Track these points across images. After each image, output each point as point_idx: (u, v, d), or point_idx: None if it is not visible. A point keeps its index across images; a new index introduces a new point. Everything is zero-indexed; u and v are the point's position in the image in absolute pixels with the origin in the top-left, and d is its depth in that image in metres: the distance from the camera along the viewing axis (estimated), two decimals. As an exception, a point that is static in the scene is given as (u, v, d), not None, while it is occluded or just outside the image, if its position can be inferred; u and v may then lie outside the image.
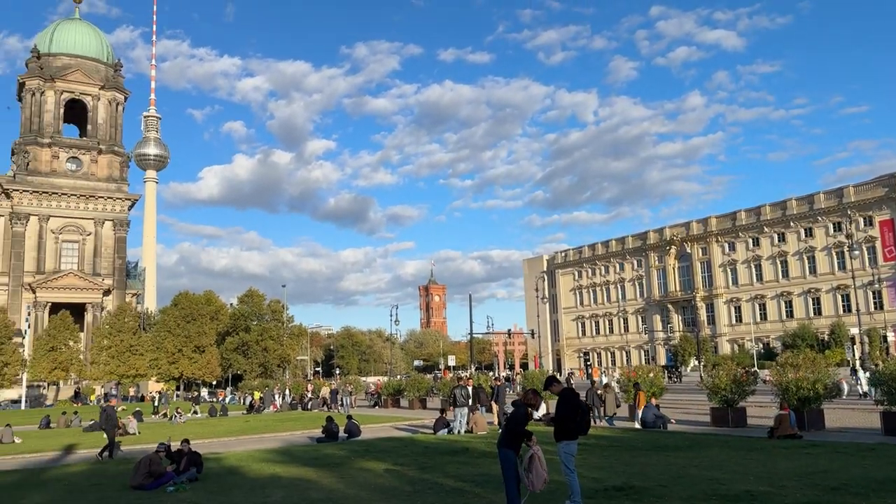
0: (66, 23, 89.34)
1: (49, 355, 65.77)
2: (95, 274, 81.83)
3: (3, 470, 22.14)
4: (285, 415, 45.65)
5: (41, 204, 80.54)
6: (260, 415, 47.63)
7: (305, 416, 41.44)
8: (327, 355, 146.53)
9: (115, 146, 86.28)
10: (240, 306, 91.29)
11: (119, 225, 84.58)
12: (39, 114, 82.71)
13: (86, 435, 34.36)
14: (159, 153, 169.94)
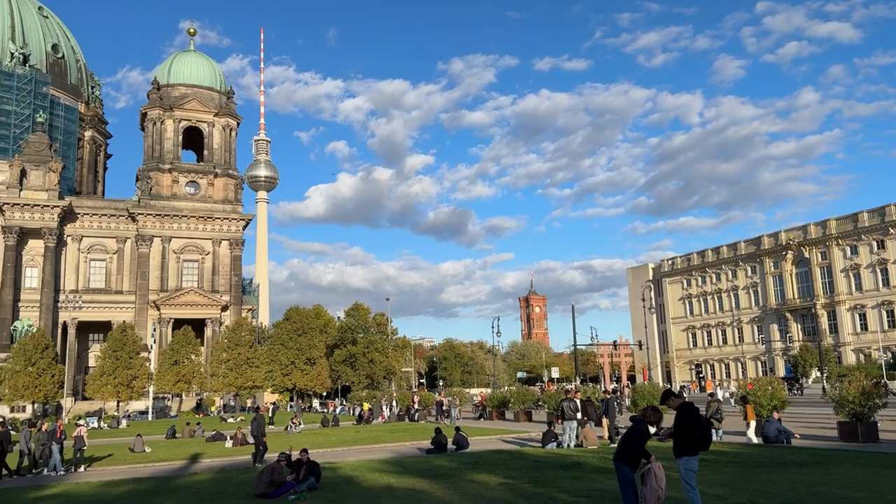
0: (182, 55, 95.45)
1: (173, 369, 69.86)
2: (214, 291, 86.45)
3: (138, 477, 23.70)
4: (394, 426, 46.42)
5: (164, 226, 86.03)
6: (370, 425, 48.69)
7: (413, 428, 41.98)
8: (430, 367, 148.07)
9: (229, 170, 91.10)
10: (346, 320, 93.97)
11: (235, 244, 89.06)
12: (160, 141, 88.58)
13: (209, 445, 36.23)
14: (269, 175, 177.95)
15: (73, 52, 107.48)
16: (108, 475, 25.17)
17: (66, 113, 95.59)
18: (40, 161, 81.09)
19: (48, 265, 79.77)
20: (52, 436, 25.76)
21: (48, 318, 78.06)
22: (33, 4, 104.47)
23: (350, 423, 52.52)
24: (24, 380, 63.94)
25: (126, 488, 20.82)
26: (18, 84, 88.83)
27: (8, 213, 78.10)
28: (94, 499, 18.95)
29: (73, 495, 19.74)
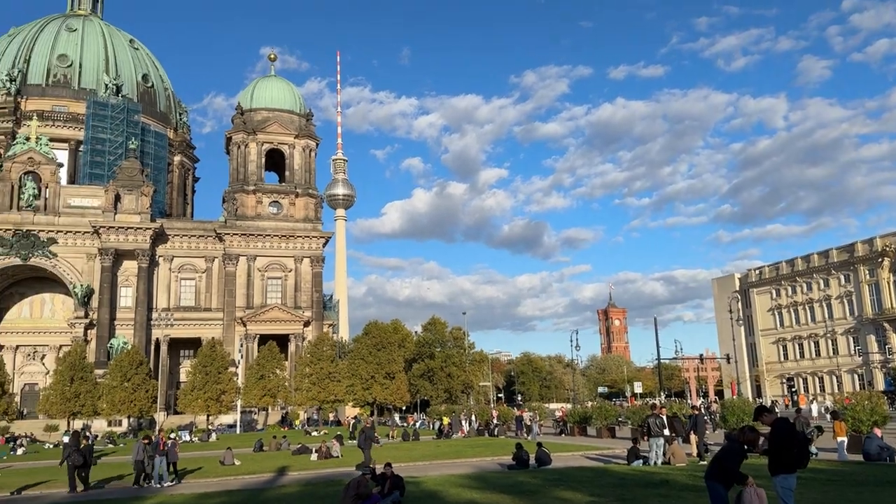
0: (263, 80, 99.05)
1: (259, 383, 71.99)
2: (296, 307, 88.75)
3: (229, 490, 24.48)
4: (474, 440, 46.31)
5: (248, 245, 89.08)
6: (450, 440, 48.74)
7: (494, 443, 41.74)
8: (508, 381, 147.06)
9: (309, 189, 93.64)
10: (424, 334, 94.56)
11: (315, 261, 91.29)
12: (244, 164, 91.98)
13: (295, 458, 37.08)
14: (347, 193, 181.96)
15: (161, 82, 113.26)
16: (200, 487, 26.11)
17: (156, 139, 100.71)
18: (133, 186, 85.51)
19: (142, 285, 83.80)
20: (157, 448, 26.92)
21: (142, 336, 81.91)
22: (125, 38, 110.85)
23: (430, 437, 52.73)
24: (120, 395, 67.21)
25: (218, 500, 21.55)
26: (112, 113, 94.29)
27: (104, 235, 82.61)
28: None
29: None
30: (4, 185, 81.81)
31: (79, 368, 68.16)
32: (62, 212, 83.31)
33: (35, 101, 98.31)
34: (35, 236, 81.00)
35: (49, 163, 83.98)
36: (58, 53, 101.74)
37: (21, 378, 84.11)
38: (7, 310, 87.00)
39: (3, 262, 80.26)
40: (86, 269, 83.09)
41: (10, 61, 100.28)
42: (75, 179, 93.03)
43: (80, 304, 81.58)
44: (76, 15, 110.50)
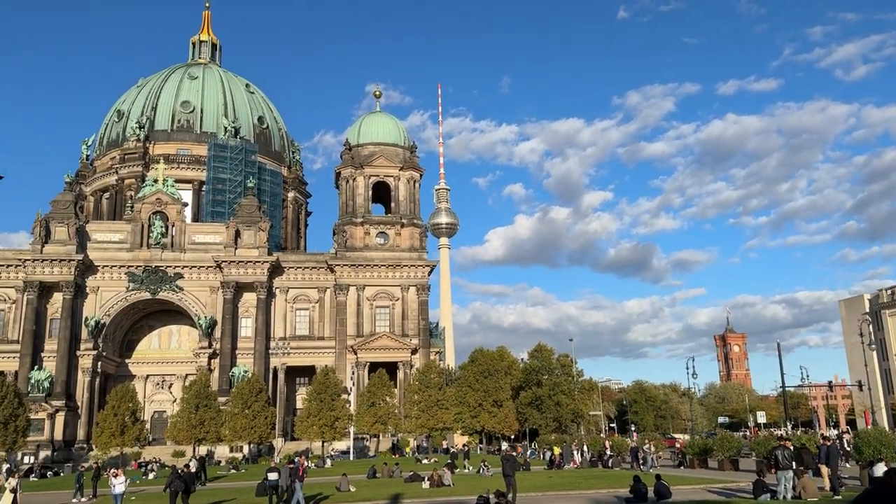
0: (369, 116, 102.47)
1: (370, 410, 73.22)
2: (404, 335, 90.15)
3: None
4: (587, 472, 45.07)
5: (358, 275, 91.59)
6: (561, 470, 47.66)
7: (609, 475, 40.46)
8: (620, 410, 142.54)
9: (414, 219, 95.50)
10: (530, 361, 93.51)
11: (421, 289, 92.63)
12: (353, 197, 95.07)
13: (408, 485, 37.34)
14: (450, 221, 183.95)
15: (275, 122, 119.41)
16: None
17: (271, 177, 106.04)
18: (251, 222, 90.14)
19: (260, 315, 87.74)
20: (295, 473, 27.66)
21: (261, 364, 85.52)
22: (241, 83, 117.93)
23: (540, 467, 51.79)
24: (241, 421, 70.15)
25: (336, 526, 21.96)
26: (231, 154, 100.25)
27: (226, 269, 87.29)
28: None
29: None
30: (136, 224, 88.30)
31: (203, 396, 71.73)
32: (187, 248, 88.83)
33: (162, 146, 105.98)
34: (163, 272, 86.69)
35: (175, 203, 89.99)
36: (181, 100, 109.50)
37: (151, 406, 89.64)
38: (138, 341, 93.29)
39: (134, 296, 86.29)
40: (209, 302, 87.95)
41: (140, 109, 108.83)
42: (199, 217, 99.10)
43: (205, 334, 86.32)
44: (197, 64, 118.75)
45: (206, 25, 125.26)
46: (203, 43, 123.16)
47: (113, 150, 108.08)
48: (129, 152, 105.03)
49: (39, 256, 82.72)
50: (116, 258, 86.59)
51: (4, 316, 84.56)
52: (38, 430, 75.00)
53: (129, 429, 68.51)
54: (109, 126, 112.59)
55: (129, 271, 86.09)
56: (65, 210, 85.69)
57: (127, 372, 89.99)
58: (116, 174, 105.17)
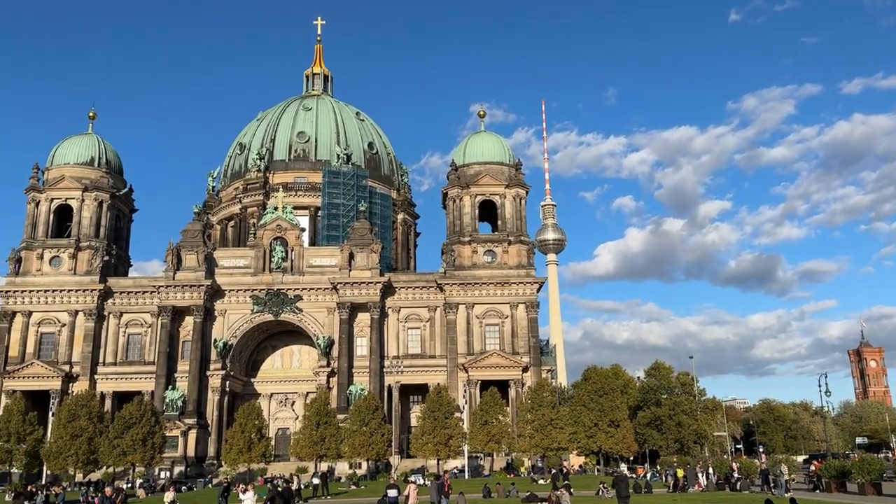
0: (474, 136, 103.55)
1: (483, 429, 73.24)
2: (514, 353, 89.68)
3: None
4: (713, 495, 43.02)
5: (466, 294, 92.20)
6: (686, 493, 45.75)
7: (737, 498, 38.45)
8: (746, 431, 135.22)
9: (521, 236, 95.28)
10: (648, 380, 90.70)
11: (530, 307, 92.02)
12: (460, 217, 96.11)
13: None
14: (557, 237, 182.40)
15: (384, 147, 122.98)
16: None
17: (381, 200, 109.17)
18: (364, 244, 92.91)
19: (374, 334, 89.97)
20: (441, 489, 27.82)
21: (376, 383, 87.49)
22: (352, 111, 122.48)
23: (663, 490, 49.93)
24: (359, 438, 71.93)
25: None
26: (344, 180, 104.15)
27: (341, 291, 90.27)
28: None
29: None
30: (258, 250, 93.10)
31: (323, 414, 74.21)
32: (306, 271, 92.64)
33: (280, 175, 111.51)
34: (284, 294, 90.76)
35: (294, 228, 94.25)
36: (297, 131, 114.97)
37: (275, 423, 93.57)
38: (262, 361, 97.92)
39: (259, 318, 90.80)
40: (326, 322, 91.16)
41: (260, 141, 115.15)
42: (315, 241, 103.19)
43: (323, 354, 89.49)
44: (311, 95, 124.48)
45: (318, 58, 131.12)
46: (316, 75, 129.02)
47: (236, 181, 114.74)
48: (251, 182, 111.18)
49: (172, 283, 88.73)
50: (241, 283, 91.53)
51: (142, 339, 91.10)
52: (172, 446, 79.96)
53: (255, 445, 71.81)
54: (232, 158, 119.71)
55: (254, 294, 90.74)
56: (194, 239, 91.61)
57: (252, 390, 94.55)
58: (240, 203, 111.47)
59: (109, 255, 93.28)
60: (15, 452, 71.36)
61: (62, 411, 72.93)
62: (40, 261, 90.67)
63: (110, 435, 70.21)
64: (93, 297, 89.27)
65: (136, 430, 69.86)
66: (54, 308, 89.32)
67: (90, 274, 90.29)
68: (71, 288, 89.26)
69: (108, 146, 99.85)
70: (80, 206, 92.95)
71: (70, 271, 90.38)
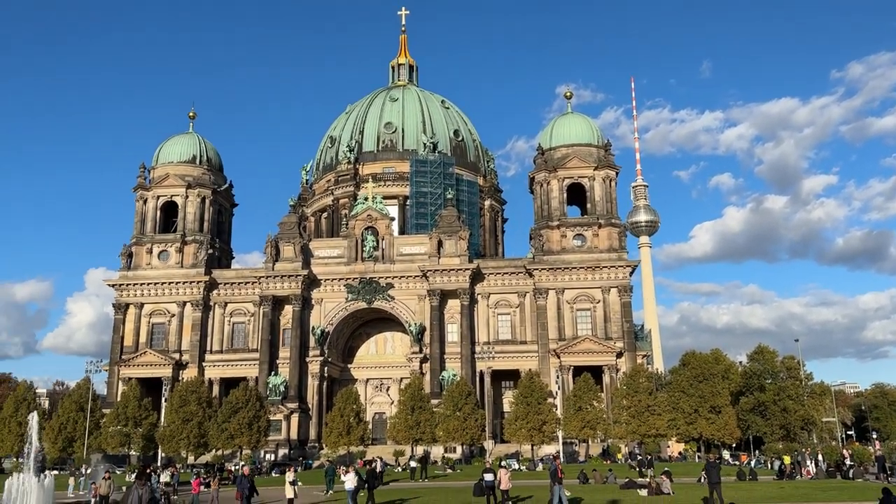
0: (561, 118, 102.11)
1: (577, 415, 72.58)
2: (607, 338, 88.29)
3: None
4: (823, 483, 41.14)
5: (556, 279, 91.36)
6: (793, 481, 43.93)
7: (850, 486, 36.62)
8: (858, 416, 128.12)
9: (612, 219, 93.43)
10: (750, 364, 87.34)
11: (623, 291, 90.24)
12: (547, 201, 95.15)
13: (623, 492, 36.51)
14: (650, 219, 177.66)
15: (469, 134, 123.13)
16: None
17: (468, 188, 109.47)
18: (452, 232, 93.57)
19: (464, 321, 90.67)
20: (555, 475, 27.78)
21: (468, 368, 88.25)
22: (437, 100, 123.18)
23: (769, 477, 48.14)
24: (453, 423, 72.85)
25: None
26: (431, 169, 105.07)
27: (431, 278, 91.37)
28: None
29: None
30: (350, 240, 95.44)
31: (417, 399, 75.57)
32: (396, 259, 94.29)
33: (369, 166, 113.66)
34: (376, 282, 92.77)
35: (383, 218, 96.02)
36: (384, 122, 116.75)
37: (372, 407, 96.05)
38: (358, 348, 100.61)
39: (353, 306, 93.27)
40: (417, 309, 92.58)
41: (349, 134, 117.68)
42: (404, 230, 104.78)
43: (415, 340, 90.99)
44: (397, 86, 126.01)
45: (402, 49, 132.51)
46: (401, 66, 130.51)
47: (328, 174, 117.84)
48: (342, 174, 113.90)
49: (271, 273, 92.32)
50: (335, 272, 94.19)
51: (245, 327, 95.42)
52: (276, 430, 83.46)
53: (353, 429, 74.01)
54: (324, 152, 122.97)
55: (347, 283, 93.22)
56: (290, 231, 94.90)
57: (349, 376, 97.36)
58: (332, 195, 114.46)
59: (213, 248, 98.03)
60: (132, 436, 76.37)
61: (174, 397, 77.46)
62: (150, 255, 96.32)
63: (218, 419, 74.02)
64: (199, 289, 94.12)
65: (243, 414, 73.32)
66: (164, 299, 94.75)
67: (196, 266, 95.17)
68: (179, 280, 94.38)
69: (207, 144, 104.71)
70: (185, 203, 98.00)
71: (177, 264, 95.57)
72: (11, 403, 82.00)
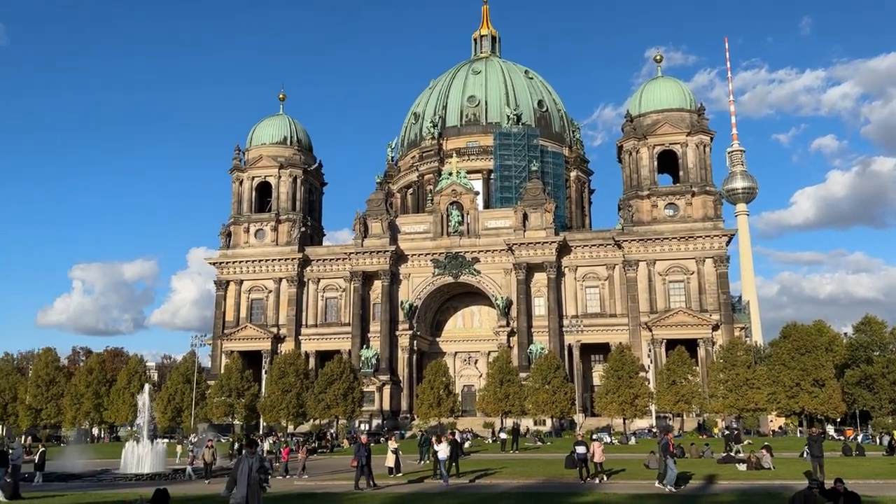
0: (650, 83, 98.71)
1: (671, 388, 70.96)
2: (702, 310, 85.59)
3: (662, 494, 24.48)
4: (940, 461, 38.72)
5: (647, 250, 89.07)
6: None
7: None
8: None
9: (706, 186, 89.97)
10: (857, 336, 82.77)
11: (718, 261, 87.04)
12: (637, 170, 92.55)
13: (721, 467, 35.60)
14: (747, 185, 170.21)
15: (554, 104, 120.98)
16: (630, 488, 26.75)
17: (553, 159, 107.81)
18: (537, 204, 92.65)
19: (551, 294, 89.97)
20: (667, 448, 27.21)
21: (555, 342, 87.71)
22: (520, 70, 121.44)
23: (877, 453, 45.75)
24: (542, 396, 72.80)
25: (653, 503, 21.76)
26: (515, 141, 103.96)
27: (516, 252, 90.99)
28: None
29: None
30: (436, 215, 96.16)
31: (506, 372, 75.92)
32: (481, 234, 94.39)
33: (453, 141, 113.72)
34: (462, 257, 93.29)
35: (468, 192, 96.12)
36: (467, 96, 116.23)
37: (460, 380, 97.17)
38: (445, 321, 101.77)
39: (439, 280, 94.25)
40: (504, 283, 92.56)
41: (433, 110, 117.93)
42: (489, 204, 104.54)
43: (502, 314, 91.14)
44: (479, 58, 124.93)
45: (485, 20, 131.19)
46: (483, 37, 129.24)
47: (412, 150, 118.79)
48: (426, 150, 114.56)
49: (361, 249, 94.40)
50: (422, 247, 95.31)
51: (337, 302, 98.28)
52: (369, 401, 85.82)
53: (443, 401, 75.21)
54: (408, 128, 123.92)
55: (434, 258, 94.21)
56: (378, 207, 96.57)
57: (438, 349, 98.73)
58: (417, 171, 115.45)
59: (305, 226, 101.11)
60: (236, 406, 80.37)
61: (273, 369, 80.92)
62: (247, 234, 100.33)
63: (315, 390, 76.83)
64: (293, 265, 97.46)
65: (338, 385, 75.79)
66: (261, 276, 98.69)
67: (290, 244, 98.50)
68: (274, 258, 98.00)
69: (297, 125, 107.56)
70: (278, 183, 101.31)
71: (272, 242, 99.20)
72: (124, 376, 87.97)
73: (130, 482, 33.84)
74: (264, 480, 15.02)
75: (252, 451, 14.77)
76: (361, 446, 29.86)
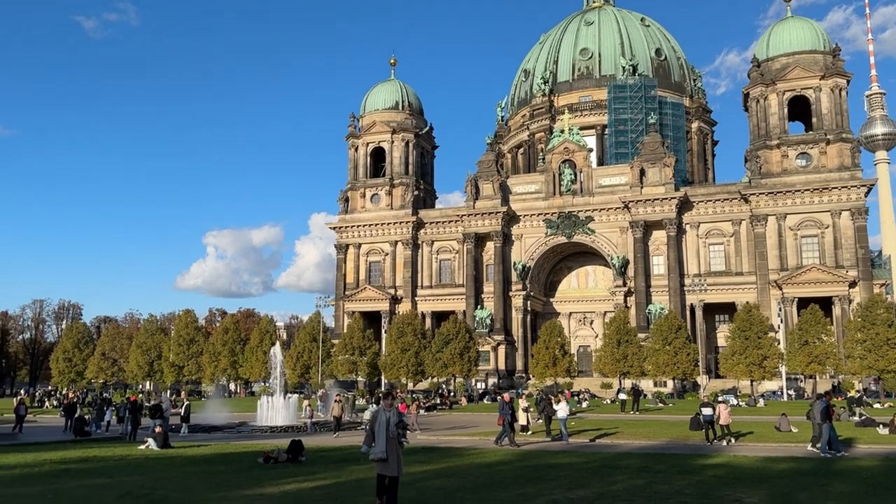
0: (778, 25, 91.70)
1: (803, 349, 67.12)
2: (838, 266, 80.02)
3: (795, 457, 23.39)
4: None
5: (776, 203, 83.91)
6: None
7: None
8: None
9: (842, 133, 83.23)
10: None
11: (857, 214, 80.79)
12: (765, 118, 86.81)
13: (860, 430, 33.63)
14: (888, 131, 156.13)
15: (673, 52, 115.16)
16: (759, 451, 25.69)
17: (672, 110, 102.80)
18: (655, 159, 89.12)
19: (671, 252, 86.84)
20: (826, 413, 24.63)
21: (676, 301, 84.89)
22: (636, 18, 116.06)
23: None
24: (663, 357, 70.90)
25: (786, 465, 20.82)
26: (630, 93, 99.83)
27: (633, 209, 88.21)
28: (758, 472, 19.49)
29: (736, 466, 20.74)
30: (548, 174, 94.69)
31: (623, 333, 74.46)
32: (595, 192, 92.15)
33: (565, 97, 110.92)
34: (575, 216, 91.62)
35: (581, 150, 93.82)
36: (579, 48, 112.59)
37: (576, 341, 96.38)
38: (559, 282, 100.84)
39: (552, 241, 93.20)
40: (619, 242, 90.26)
41: (543, 66, 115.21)
42: (603, 161, 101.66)
43: (618, 274, 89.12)
44: (592, 8, 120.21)
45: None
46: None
47: (523, 108, 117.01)
48: (537, 108, 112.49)
49: (472, 211, 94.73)
50: (534, 207, 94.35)
51: (451, 264, 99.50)
52: (484, 360, 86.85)
53: (559, 361, 74.96)
54: (518, 86, 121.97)
55: (546, 218, 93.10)
56: (488, 169, 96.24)
57: (552, 310, 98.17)
58: (527, 130, 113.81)
59: (418, 189, 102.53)
60: (358, 364, 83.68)
61: (392, 329, 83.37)
62: (363, 199, 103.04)
63: (432, 349, 78.61)
64: (408, 228, 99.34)
65: (454, 345, 77.13)
66: (378, 240, 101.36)
67: (404, 208, 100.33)
68: (389, 221, 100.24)
69: (409, 90, 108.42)
70: (391, 148, 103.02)
71: (387, 206, 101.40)
72: (257, 335, 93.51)
73: (266, 434, 36.05)
74: (402, 436, 14.12)
75: (389, 404, 14.37)
76: (505, 404, 29.39)
